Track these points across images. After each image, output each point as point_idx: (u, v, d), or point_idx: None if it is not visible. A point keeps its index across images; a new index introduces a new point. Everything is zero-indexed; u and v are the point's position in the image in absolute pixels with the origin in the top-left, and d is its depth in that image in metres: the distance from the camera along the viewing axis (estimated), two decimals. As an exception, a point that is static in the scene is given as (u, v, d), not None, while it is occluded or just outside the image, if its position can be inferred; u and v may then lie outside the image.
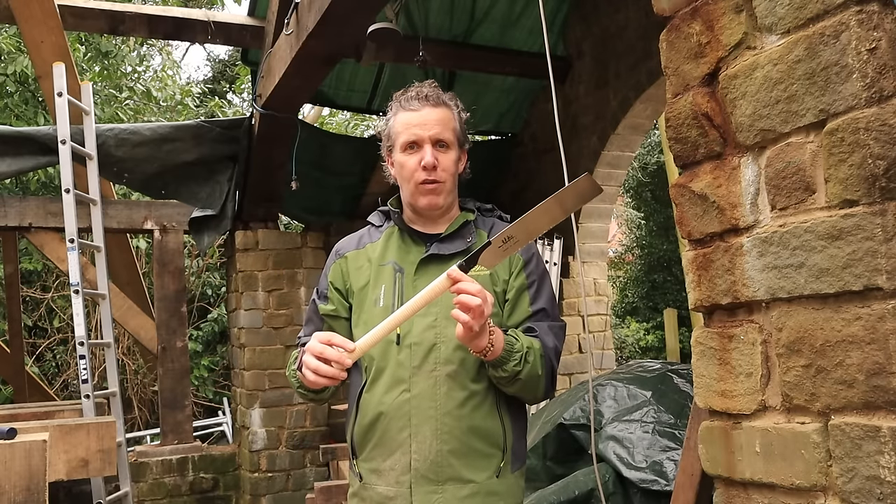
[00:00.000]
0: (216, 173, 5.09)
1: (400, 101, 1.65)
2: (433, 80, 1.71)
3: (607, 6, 4.95)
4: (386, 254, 1.65)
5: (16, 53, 7.19)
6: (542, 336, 1.58)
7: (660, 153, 10.07)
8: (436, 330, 1.55)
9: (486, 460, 1.55)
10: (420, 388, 1.53)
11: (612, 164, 5.12)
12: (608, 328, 5.49)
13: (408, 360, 1.55)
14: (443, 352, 1.54)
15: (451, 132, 1.63)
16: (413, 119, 1.61)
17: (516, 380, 1.50)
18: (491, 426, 1.56)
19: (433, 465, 1.51)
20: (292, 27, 3.63)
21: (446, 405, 1.53)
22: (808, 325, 0.97)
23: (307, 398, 1.67)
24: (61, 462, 2.49)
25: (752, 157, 1.05)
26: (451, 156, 1.63)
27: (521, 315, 1.61)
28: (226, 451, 5.34)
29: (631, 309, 11.56)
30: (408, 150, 1.61)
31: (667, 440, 2.67)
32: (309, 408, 5.16)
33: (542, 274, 1.66)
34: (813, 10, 0.94)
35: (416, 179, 1.60)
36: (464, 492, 1.51)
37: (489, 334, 1.44)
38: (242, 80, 10.84)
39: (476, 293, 1.36)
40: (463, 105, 1.70)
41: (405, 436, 1.53)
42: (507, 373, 1.48)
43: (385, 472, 1.55)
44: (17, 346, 5.80)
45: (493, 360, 1.47)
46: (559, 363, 1.65)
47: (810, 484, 0.96)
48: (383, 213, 1.75)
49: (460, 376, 1.54)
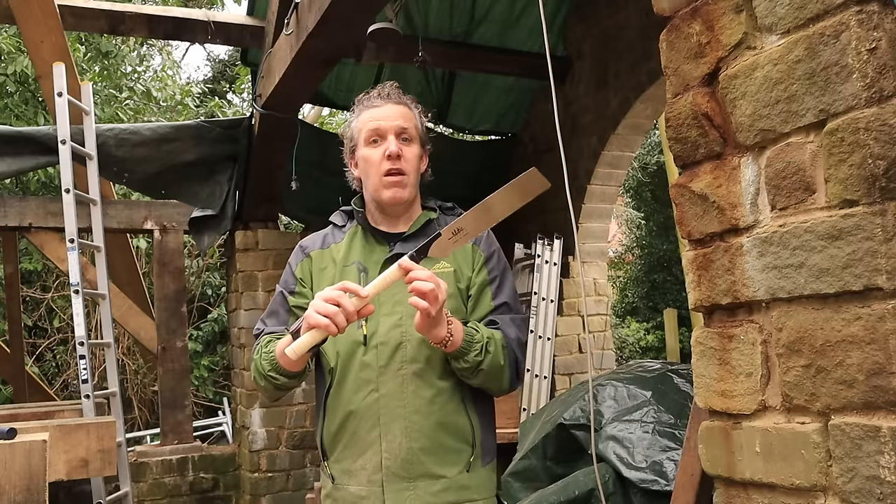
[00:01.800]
0: (216, 173, 5.09)
1: (362, 101, 1.69)
2: (394, 82, 1.74)
3: (607, 6, 4.94)
4: (350, 254, 1.67)
5: (16, 53, 7.18)
6: (504, 327, 1.60)
7: (660, 153, 10.07)
8: (402, 329, 1.57)
9: (456, 455, 1.57)
10: (388, 387, 1.55)
11: (612, 164, 5.12)
12: (608, 328, 5.49)
13: (374, 361, 1.56)
14: (409, 350, 1.56)
15: (413, 127, 1.65)
16: (376, 113, 1.64)
17: (479, 370, 1.52)
18: (459, 422, 1.58)
19: (404, 462, 1.53)
20: (292, 27, 3.63)
21: (414, 403, 1.54)
22: (808, 325, 0.97)
23: (275, 385, 1.59)
24: (61, 462, 2.49)
25: (752, 157, 1.05)
26: (415, 150, 1.65)
27: (484, 310, 1.63)
28: (226, 451, 5.35)
29: (631, 309, 11.56)
30: (371, 143, 1.63)
31: (667, 440, 2.67)
32: (309, 408, 5.16)
33: (503, 269, 1.68)
34: (813, 10, 0.94)
35: (380, 170, 1.61)
36: (435, 487, 1.54)
37: (447, 324, 1.46)
38: (242, 80, 10.84)
39: (427, 278, 1.37)
40: (423, 108, 1.73)
41: (375, 435, 1.55)
42: (468, 363, 1.50)
43: (356, 472, 1.57)
44: (17, 346, 5.80)
45: (453, 351, 1.49)
46: (525, 355, 1.67)
47: (810, 484, 0.96)
48: (346, 213, 1.76)
49: (427, 374, 1.55)
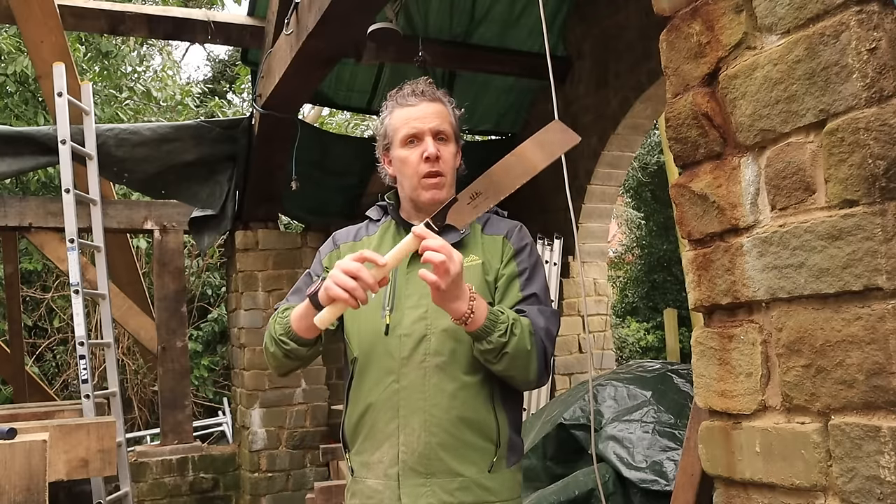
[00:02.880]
0: (216, 173, 5.09)
1: (396, 98, 1.66)
2: (428, 77, 1.71)
3: (607, 6, 4.95)
4: (381, 247, 1.64)
5: (16, 53, 7.18)
6: (532, 316, 1.53)
7: (660, 153, 10.07)
8: (426, 321, 1.54)
9: (479, 454, 1.52)
10: (409, 379, 1.52)
11: (612, 164, 5.12)
12: (608, 328, 5.49)
13: (397, 351, 1.53)
14: (433, 343, 1.53)
15: (448, 125, 1.63)
16: (412, 113, 1.61)
17: (503, 354, 1.45)
18: (484, 419, 1.53)
19: (421, 457, 1.49)
20: (292, 27, 3.63)
21: (435, 396, 1.50)
22: (808, 325, 0.96)
23: (284, 350, 1.55)
24: (61, 462, 2.49)
25: (752, 157, 1.05)
26: (451, 148, 1.64)
27: (512, 300, 1.57)
28: (226, 451, 5.35)
29: (631, 309, 11.56)
30: (408, 144, 1.61)
31: (667, 440, 2.67)
32: (309, 408, 5.16)
33: (534, 263, 1.63)
34: (813, 10, 0.94)
35: (419, 173, 1.59)
36: (453, 485, 1.49)
37: (469, 300, 1.40)
38: (242, 80, 10.83)
39: (439, 248, 1.33)
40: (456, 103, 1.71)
41: (393, 427, 1.51)
42: (492, 345, 1.43)
43: (374, 465, 1.54)
44: (17, 346, 5.80)
45: (476, 330, 1.43)
46: (554, 349, 1.60)
47: (810, 484, 0.96)
48: (381, 208, 1.75)
49: (451, 368, 1.52)
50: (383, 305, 1.56)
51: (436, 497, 1.49)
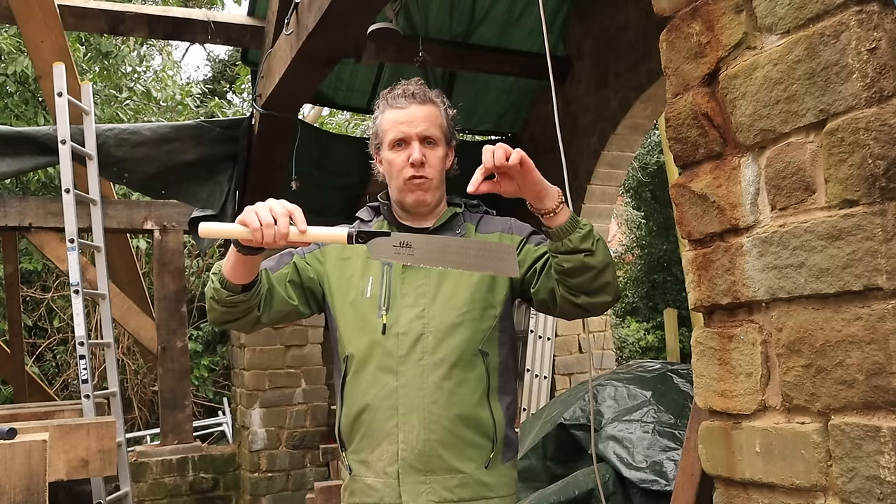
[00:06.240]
0: (216, 173, 5.09)
1: (387, 98, 1.66)
2: (419, 78, 1.71)
3: (607, 6, 4.94)
4: None
5: (16, 53, 7.18)
6: None
7: (660, 153, 10.07)
8: (423, 320, 1.55)
9: (476, 450, 1.54)
10: (407, 377, 1.52)
11: (612, 164, 5.12)
12: (608, 328, 5.49)
13: (395, 349, 1.54)
14: (430, 341, 1.53)
15: (438, 129, 1.63)
16: (400, 116, 1.61)
17: (585, 263, 1.42)
18: (480, 415, 1.54)
19: (421, 454, 1.50)
20: (292, 27, 3.63)
21: (434, 394, 1.51)
22: (808, 325, 0.96)
23: (218, 299, 1.51)
24: (61, 462, 2.49)
25: (752, 157, 1.05)
26: (439, 152, 1.64)
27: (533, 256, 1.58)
28: (226, 451, 5.35)
29: (631, 309, 11.56)
30: (395, 147, 1.62)
31: (667, 440, 2.67)
32: (309, 408, 5.16)
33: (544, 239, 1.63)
34: (813, 10, 0.94)
35: (403, 176, 1.60)
36: (452, 482, 1.51)
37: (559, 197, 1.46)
38: (242, 80, 10.84)
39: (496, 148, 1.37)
40: (449, 102, 1.71)
41: (392, 425, 1.52)
42: (572, 245, 1.42)
43: (373, 463, 1.55)
44: (17, 346, 5.80)
45: (560, 225, 1.44)
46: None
47: (810, 484, 0.96)
48: (373, 209, 1.76)
49: (449, 365, 1.53)
50: (379, 305, 1.57)
51: (436, 494, 1.50)
